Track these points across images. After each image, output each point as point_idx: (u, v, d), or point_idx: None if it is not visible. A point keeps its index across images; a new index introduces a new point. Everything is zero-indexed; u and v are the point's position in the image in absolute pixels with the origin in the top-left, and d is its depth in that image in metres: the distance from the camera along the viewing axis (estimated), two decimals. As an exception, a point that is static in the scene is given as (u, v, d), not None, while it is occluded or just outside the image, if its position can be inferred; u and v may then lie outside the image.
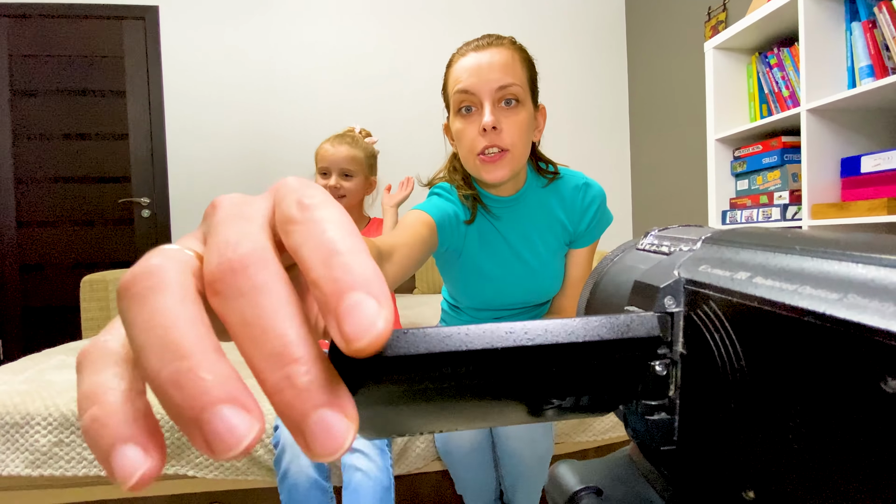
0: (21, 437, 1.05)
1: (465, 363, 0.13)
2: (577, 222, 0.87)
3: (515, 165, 0.79)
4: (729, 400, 0.14)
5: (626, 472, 0.19)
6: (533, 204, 0.87)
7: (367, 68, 2.84)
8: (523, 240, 0.87)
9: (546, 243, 0.87)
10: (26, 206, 2.65)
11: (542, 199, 0.87)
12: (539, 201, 0.87)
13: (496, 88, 0.76)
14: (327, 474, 0.97)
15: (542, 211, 0.87)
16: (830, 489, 0.11)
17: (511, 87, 0.77)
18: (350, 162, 1.19)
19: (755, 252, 0.14)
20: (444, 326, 0.13)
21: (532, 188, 0.88)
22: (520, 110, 0.78)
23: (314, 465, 0.95)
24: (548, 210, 0.87)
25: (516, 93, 0.77)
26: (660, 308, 0.16)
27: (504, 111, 0.78)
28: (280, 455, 0.96)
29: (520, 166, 0.81)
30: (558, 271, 0.90)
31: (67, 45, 2.66)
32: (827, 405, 0.11)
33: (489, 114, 0.75)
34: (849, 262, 0.11)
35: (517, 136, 0.78)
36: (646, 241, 0.20)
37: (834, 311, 0.10)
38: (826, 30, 1.44)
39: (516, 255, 0.88)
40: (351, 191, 1.22)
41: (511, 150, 0.78)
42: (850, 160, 1.42)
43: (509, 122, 0.77)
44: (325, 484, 0.96)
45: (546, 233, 0.87)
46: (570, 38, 2.96)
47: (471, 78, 0.77)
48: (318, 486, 0.94)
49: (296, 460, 0.94)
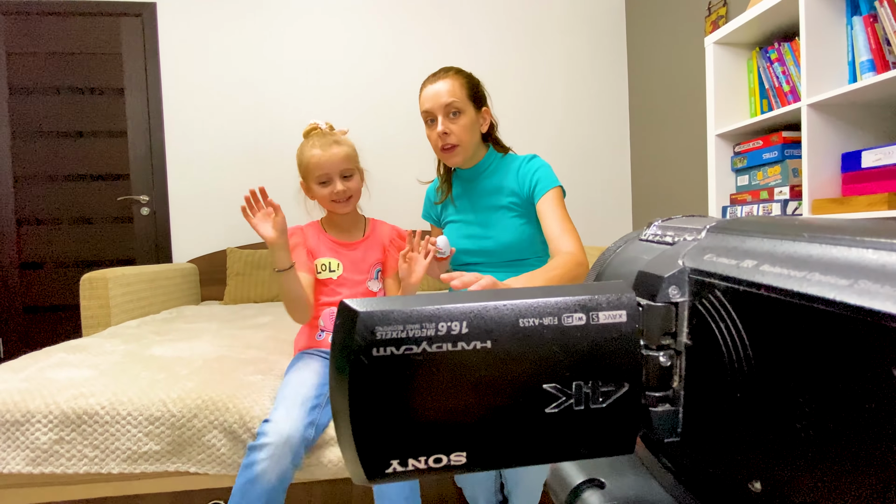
0: (21, 435, 1.04)
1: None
2: (525, 178, 1.19)
3: (465, 154, 1.19)
4: (735, 390, 0.13)
5: (629, 465, 0.19)
6: (489, 171, 1.25)
7: (366, 64, 2.83)
8: (483, 197, 1.25)
9: (499, 201, 1.22)
10: (25, 205, 2.64)
11: (497, 168, 1.25)
12: (494, 169, 1.25)
13: (443, 106, 1.15)
14: (288, 479, 0.96)
15: (496, 176, 1.24)
16: (840, 478, 0.11)
17: (453, 103, 1.15)
18: (348, 161, 1.17)
19: (762, 240, 0.14)
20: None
21: (490, 160, 1.25)
22: (462, 117, 1.17)
23: (282, 469, 0.94)
24: (501, 175, 1.23)
25: (458, 106, 1.16)
26: (664, 298, 0.16)
27: (452, 119, 1.17)
28: (259, 447, 0.94)
29: (469, 153, 1.19)
30: (509, 225, 1.21)
31: (65, 42, 2.65)
32: (837, 393, 0.11)
33: (440, 125, 1.16)
34: (859, 247, 0.11)
35: (462, 134, 1.17)
36: (649, 232, 0.20)
37: (844, 297, 0.10)
38: (827, 24, 1.43)
39: (475, 207, 1.26)
40: (356, 189, 1.20)
41: (459, 144, 1.17)
42: (851, 155, 1.42)
43: (455, 127, 1.16)
44: (279, 487, 0.95)
45: (499, 194, 1.22)
46: (570, 32, 2.94)
47: (428, 102, 1.17)
48: (275, 490, 0.93)
49: (270, 460, 0.92)
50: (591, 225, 2.90)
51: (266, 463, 0.93)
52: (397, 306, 0.15)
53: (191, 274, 2.59)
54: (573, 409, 0.16)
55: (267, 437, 0.95)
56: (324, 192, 1.17)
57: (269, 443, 0.94)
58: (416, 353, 0.15)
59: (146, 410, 1.06)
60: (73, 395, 1.08)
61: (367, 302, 0.15)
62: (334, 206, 1.19)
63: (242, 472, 0.94)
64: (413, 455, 0.15)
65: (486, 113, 1.23)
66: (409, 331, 0.15)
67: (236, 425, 1.06)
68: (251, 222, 1.06)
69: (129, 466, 1.05)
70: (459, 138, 1.16)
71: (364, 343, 0.15)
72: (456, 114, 1.16)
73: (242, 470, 0.94)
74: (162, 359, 1.34)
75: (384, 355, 0.15)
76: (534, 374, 0.15)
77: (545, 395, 0.15)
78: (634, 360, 0.16)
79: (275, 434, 0.95)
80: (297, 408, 1.01)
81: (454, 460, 0.15)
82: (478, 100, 1.21)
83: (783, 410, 0.12)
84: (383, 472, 0.15)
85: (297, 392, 1.04)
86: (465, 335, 0.15)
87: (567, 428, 0.16)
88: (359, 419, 0.15)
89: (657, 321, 0.16)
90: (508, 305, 0.15)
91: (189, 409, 1.07)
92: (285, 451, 0.94)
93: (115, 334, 1.66)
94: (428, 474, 0.15)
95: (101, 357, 1.35)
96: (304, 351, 1.21)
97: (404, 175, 2.71)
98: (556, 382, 0.15)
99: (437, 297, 0.16)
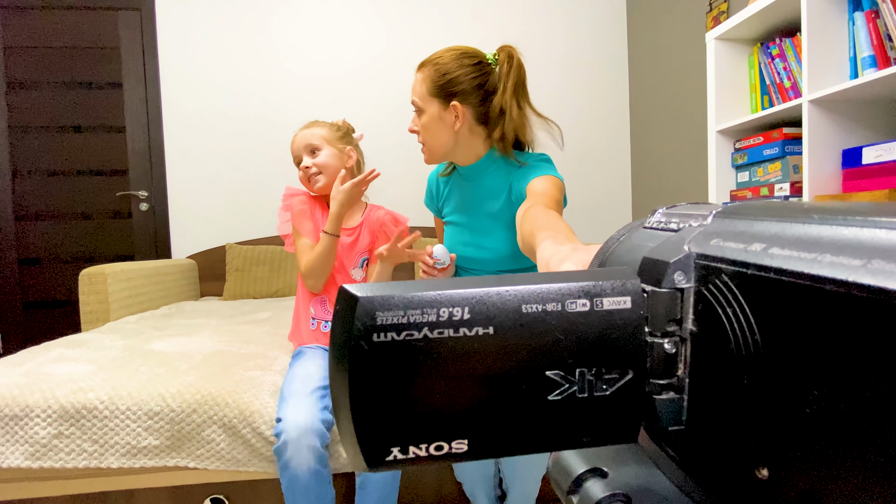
0: (21, 430, 1.04)
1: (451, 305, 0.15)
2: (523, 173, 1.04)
3: (432, 154, 1.08)
4: (742, 375, 0.13)
5: (632, 454, 0.19)
6: (488, 173, 1.11)
7: (365, 59, 2.82)
8: (478, 200, 1.13)
9: (493, 207, 1.10)
10: (24, 200, 2.63)
11: (498, 169, 1.09)
12: (495, 170, 1.10)
13: (413, 104, 1.07)
14: (326, 462, 0.98)
15: (495, 178, 1.09)
16: (851, 463, 0.10)
17: (414, 101, 1.07)
18: (311, 138, 1.19)
19: (770, 223, 0.14)
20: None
21: (488, 161, 1.10)
22: (422, 115, 1.07)
23: (315, 455, 0.95)
24: (501, 177, 1.08)
25: (417, 104, 1.07)
26: (669, 284, 0.15)
27: (417, 119, 1.08)
28: (282, 447, 0.96)
29: (441, 151, 1.07)
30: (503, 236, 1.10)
31: (63, 36, 2.63)
32: (849, 376, 0.10)
33: (411, 121, 1.09)
34: (871, 228, 0.11)
35: (424, 133, 1.07)
36: (653, 220, 0.19)
37: (857, 277, 0.10)
38: (828, 20, 1.43)
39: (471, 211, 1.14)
40: (325, 166, 1.18)
41: (425, 142, 1.07)
42: (852, 151, 1.42)
43: (420, 126, 1.08)
44: (324, 471, 0.97)
45: (494, 199, 1.09)
46: (571, 28, 2.93)
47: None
48: (318, 475, 0.96)
49: (297, 453, 0.94)
50: (590, 221, 2.90)
51: (296, 458, 0.95)
52: (398, 291, 0.15)
53: (190, 270, 2.59)
54: (576, 397, 0.15)
55: (285, 433, 0.97)
56: (300, 173, 1.21)
57: (290, 439, 0.96)
58: (417, 339, 0.15)
59: (145, 405, 1.06)
60: (72, 389, 1.08)
61: (367, 287, 0.15)
62: (309, 185, 1.21)
63: (282, 474, 0.97)
64: (414, 442, 0.15)
65: (452, 110, 1.05)
66: (410, 316, 0.15)
67: (235, 420, 1.06)
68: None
69: (128, 461, 1.05)
70: (424, 137, 1.07)
71: (364, 328, 0.14)
72: (419, 112, 1.07)
73: (281, 472, 0.97)
74: (161, 354, 1.34)
75: (385, 341, 0.14)
76: (536, 361, 0.15)
77: (548, 382, 0.15)
78: (639, 347, 0.15)
79: (293, 429, 0.96)
80: (306, 398, 1.02)
81: (455, 448, 0.15)
82: (448, 94, 1.04)
83: (792, 395, 0.12)
84: (384, 460, 0.15)
85: (304, 384, 1.05)
86: (467, 321, 0.15)
87: (570, 415, 0.15)
88: (359, 405, 0.14)
89: (662, 307, 0.15)
90: (511, 291, 0.15)
91: (188, 404, 1.07)
92: (309, 438, 0.96)
93: (114, 329, 1.66)
94: (429, 462, 0.15)
95: (100, 352, 1.35)
96: (305, 346, 1.22)
97: (405, 166, 2.70)
98: (559, 369, 0.15)
99: (439, 282, 0.15)
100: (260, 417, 1.06)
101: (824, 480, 0.11)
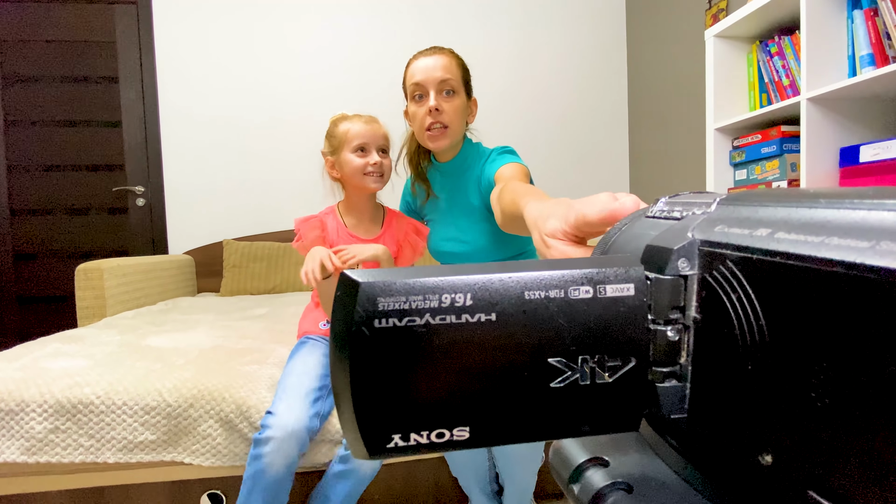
0: (16, 425, 1.04)
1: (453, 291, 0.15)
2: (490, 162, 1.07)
3: (452, 138, 1.08)
4: (746, 362, 0.13)
5: (633, 443, 0.19)
6: (465, 166, 1.15)
7: (363, 55, 2.80)
8: (459, 195, 1.16)
9: (473, 200, 1.13)
10: (19, 195, 2.62)
11: (473, 163, 1.13)
12: (470, 164, 1.14)
13: (438, 81, 1.05)
14: (294, 469, 0.99)
15: (471, 171, 1.13)
16: (857, 448, 0.10)
17: (449, 80, 1.05)
18: (386, 140, 1.17)
19: (776, 208, 0.14)
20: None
21: (466, 154, 1.14)
22: (455, 98, 1.06)
23: (288, 462, 0.95)
24: (476, 170, 1.12)
25: (453, 85, 1.06)
26: (673, 271, 0.15)
27: (444, 98, 1.06)
28: (263, 441, 0.95)
29: (456, 139, 1.09)
30: (484, 228, 1.12)
31: (58, 30, 2.61)
32: (855, 360, 0.10)
33: (433, 99, 1.05)
34: (879, 210, 0.11)
35: (454, 115, 1.06)
36: (655, 209, 0.19)
37: (865, 258, 0.10)
38: (827, 18, 1.43)
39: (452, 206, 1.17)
40: (389, 169, 1.17)
41: (450, 126, 1.06)
42: (849, 149, 1.42)
43: (448, 106, 1.06)
44: (288, 479, 0.98)
45: (473, 192, 1.12)
46: (570, 25, 2.93)
47: (420, 74, 1.06)
48: (282, 481, 0.96)
49: (275, 454, 0.94)
50: (588, 219, 2.90)
51: (272, 456, 0.94)
52: (400, 277, 0.15)
53: (187, 265, 2.58)
54: (578, 384, 0.15)
55: (271, 430, 0.96)
56: (358, 161, 1.12)
57: (273, 437, 0.95)
58: (418, 325, 0.14)
59: (142, 400, 1.06)
60: (69, 384, 1.07)
61: (368, 273, 0.15)
62: (365, 180, 1.13)
63: (251, 463, 0.96)
64: (415, 429, 0.15)
65: (473, 104, 1.14)
66: (412, 302, 0.14)
67: (232, 415, 1.06)
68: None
69: (124, 456, 1.05)
70: (451, 119, 1.05)
71: (366, 314, 0.14)
72: (450, 93, 1.05)
73: (251, 461, 0.96)
74: (158, 349, 1.33)
75: (386, 327, 0.14)
76: (539, 348, 0.15)
77: (550, 369, 0.15)
78: (642, 335, 0.15)
79: (279, 428, 0.96)
80: (301, 400, 1.01)
81: (457, 435, 0.15)
82: (468, 88, 1.12)
83: (798, 380, 0.12)
84: (385, 447, 0.15)
85: (301, 383, 1.05)
86: (469, 307, 0.15)
87: (572, 403, 0.15)
88: (360, 392, 0.14)
89: (665, 295, 0.15)
90: (514, 277, 0.15)
91: (185, 399, 1.06)
92: (291, 443, 0.96)
93: (110, 325, 1.65)
94: (430, 449, 0.15)
95: (96, 347, 1.34)
96: (309, 336, 1.21)
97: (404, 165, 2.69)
98: (561, 356, 0.15)
99: (441, 268, 0.15)
100: (257, 412, 1.05)
101: (830, 466, 0.11)
